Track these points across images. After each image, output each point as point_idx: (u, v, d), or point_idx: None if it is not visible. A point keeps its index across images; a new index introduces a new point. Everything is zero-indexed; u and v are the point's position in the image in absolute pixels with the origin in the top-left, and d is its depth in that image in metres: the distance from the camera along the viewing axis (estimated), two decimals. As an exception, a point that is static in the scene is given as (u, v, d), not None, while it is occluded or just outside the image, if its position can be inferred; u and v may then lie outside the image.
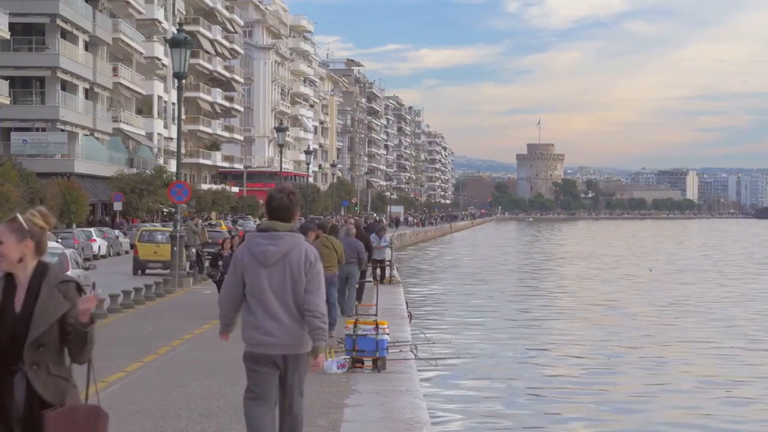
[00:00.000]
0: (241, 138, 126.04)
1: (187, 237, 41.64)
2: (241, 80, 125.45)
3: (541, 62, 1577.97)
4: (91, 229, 58.94)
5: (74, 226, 60.87)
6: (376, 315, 16.59)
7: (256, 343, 8.29)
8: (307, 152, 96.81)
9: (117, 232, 62.65)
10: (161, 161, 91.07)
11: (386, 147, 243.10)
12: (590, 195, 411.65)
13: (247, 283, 8.34)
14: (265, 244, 8.34)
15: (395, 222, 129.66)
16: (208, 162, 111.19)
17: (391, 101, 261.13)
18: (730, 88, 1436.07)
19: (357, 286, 25.14)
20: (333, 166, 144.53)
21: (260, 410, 8.34)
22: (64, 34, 71.68)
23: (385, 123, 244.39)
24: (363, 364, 15.45)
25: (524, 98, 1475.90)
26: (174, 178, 42.25)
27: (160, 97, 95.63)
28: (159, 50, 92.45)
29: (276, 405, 8.40)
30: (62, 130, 70.81)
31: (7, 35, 65.00)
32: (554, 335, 35.01)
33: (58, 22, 69.73)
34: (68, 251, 26.51)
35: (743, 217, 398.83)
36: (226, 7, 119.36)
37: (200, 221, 58.82)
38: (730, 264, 78.71)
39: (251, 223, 73.52)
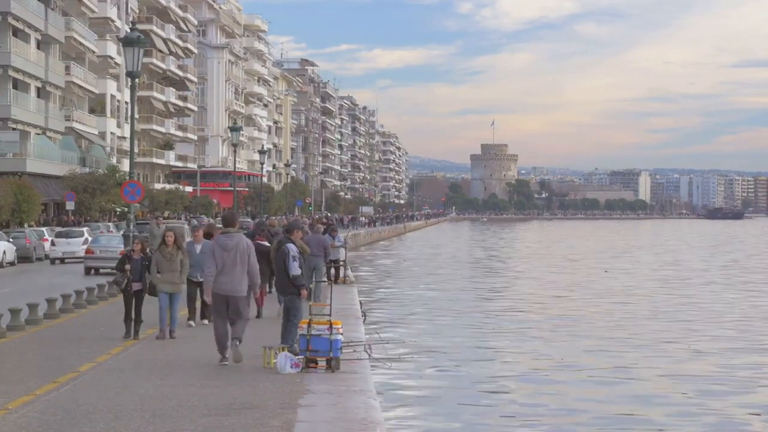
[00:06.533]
0: (195, 137, 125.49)
1: (150, 240, 41.33)
2: (195, 79, 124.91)
3: (492, 63, 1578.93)
4: (43, 229, 58.48)
5: (26, 225, 60.42)
6: (330, 315, 16.58)
7: (219, 288, 15.98)
8: (261, 152, 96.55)
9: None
10: (114, 160, 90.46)
11: (340, 147, 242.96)
12: (544, 195, 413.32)
13: (216, 259, 15.96)
14: (225, 240, 16.15)
15: (340, 222, 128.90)
16: (162, 161, 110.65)
17: (345, 101, 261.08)
18: (680, 90, 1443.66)
19: (325, 279, 27.37)
20: (287, 165, 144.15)
21: (219, 321, 16.23)
22: (16, 32, 71.04)
23: (340, 123, 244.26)
24: (317, 364, 15.46)
25: (476, 99, 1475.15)
26: (127, 178, 42.04)
27: (113, 96, 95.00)
28: (112, 49, 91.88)
29: (227, 319, 16.15)
30: (14, 129, 70.19)
31: (-43, 33, 64.39)
32: (510, 333, 35.13)
33: (10, 20, 69.12)
34: None
35: (694, 218, 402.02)
36: (180, 6, 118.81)
37: (163, 223, 58.18)
38: (682, 267, 79.37)
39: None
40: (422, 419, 20.89)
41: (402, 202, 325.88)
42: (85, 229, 55.50)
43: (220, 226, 19.02)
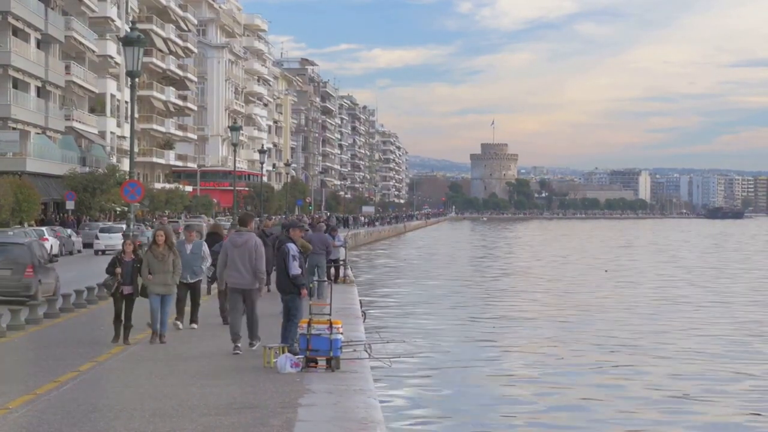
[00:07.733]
0: (195, 137, 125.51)
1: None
2: (195, 79, 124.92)
3: (492, 63, 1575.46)
4: (43, 228, 58.49)
5: (26, 225, 60.39)
6: (329, 314, 16.59)
7: (232, 282, 17.41)
8: (261, 151, 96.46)
9: (69, 230, 62.24)
10: (114, 160, 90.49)
11: (340, 146, 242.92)
12: (544, 195, 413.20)
13: (228, 255, 17.37)
14: (237, 237, 17.61)
15: (344, 222, 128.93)
16: (162, 161, 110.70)
17: (345, 101, 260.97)
18: (679, 90, 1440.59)
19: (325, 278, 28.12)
20: (287, 165, 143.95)
21: (235, 315, 17.42)
22: (16, 32, 71.01)
23: (340, 122, 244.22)
24: (317, 363, 15.47)
25: (476, 99, 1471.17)
26: (127, 177, 42.04)
27: (113, 96, 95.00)
28: (112, 48, 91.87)
29: (243, 313, 17.47)
30: (14, 129, 70.16)
31: (-43, 32, 64.33)
32: (508, 334, 35.15)
33: (10, 19, 69.08)
34: None
35: (694, 217, 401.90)
36: (180, 6, 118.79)
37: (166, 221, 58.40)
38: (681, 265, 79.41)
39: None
40: (422, 419, 20.89)
41: (402, 201, 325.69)
42: (124, 225, 58.98)
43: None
